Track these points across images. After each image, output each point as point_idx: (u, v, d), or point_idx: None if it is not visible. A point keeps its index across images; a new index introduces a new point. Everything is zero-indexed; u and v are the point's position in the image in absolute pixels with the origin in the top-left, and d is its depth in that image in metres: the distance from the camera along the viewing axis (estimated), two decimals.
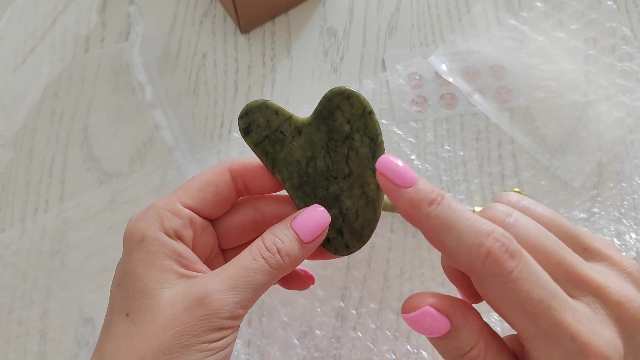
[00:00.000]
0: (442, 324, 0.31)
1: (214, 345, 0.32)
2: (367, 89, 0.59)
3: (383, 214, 0.54)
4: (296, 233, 0.35)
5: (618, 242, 0.53)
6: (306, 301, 0.51)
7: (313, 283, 0.42)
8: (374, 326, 0.50)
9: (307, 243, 0.35)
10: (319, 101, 0.37)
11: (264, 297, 0.51)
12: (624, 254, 0.52)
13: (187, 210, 0.35)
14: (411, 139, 0.57)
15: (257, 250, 0.34)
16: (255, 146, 0.37)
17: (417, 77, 0.59)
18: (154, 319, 0.32)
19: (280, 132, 0.37)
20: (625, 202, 0.54)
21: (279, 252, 0.34)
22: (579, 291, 0.30)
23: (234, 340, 0.34)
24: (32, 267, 0.54)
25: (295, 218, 0.36)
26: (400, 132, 0.57)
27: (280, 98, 0.60)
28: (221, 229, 0.39)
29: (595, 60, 0.59)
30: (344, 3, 0.64)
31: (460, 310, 0.31)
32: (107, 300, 0.35)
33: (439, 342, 0.32)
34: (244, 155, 0.56)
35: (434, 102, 0.58)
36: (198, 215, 0.36)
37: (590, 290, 0.30)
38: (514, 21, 0.60)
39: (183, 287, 0.33)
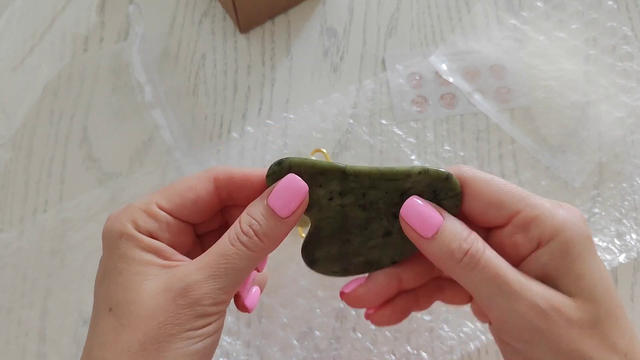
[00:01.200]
0: (432, 212, 0.34)
1: (199, 332, 0.32)
2: (367, 89, 0.59)
3: None
4: (272, 209, 0.34)
5: (619, 243, 0.53)
6: (306, 302, 0.51)
7: (248, 312, 0.40)
8: (373, 327, 0.50)
9: (285, 218, 0.34)
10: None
11: (264, 298, 0.51)
12: (624, 254, 0.52)
13: (164, 213, 0.35)
14: (411, 139, 0.57)
15: (234, 235, 0.34)
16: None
17: (417, 77, 0.59)
18: (137, 312, 0.32)
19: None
20: (625, 203, 0.54)
21: (256, 234, 0.34)
22: None
23: (221, 326, 0.34)
24: (31, 268, 0.53)
25: (270, 193, 0.35)
26: (400, 132, 0.57)
27: (280, 98, 0.60)
28: (209, 240, 0.38)
29: (596, 60, 0.59)
30: (344, 3, 0.64)
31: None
32: None
33: (433, 242, 0.34)
34: (243, 155, 0.56)
35: (434, 102, 0.58)
36: (176, 218, 0.36)
37: None
38: (514, 21, 0.60)
39: (164, 278, 0.33)
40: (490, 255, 0.33)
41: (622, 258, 0.52)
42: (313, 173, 0.34)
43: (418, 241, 0.35)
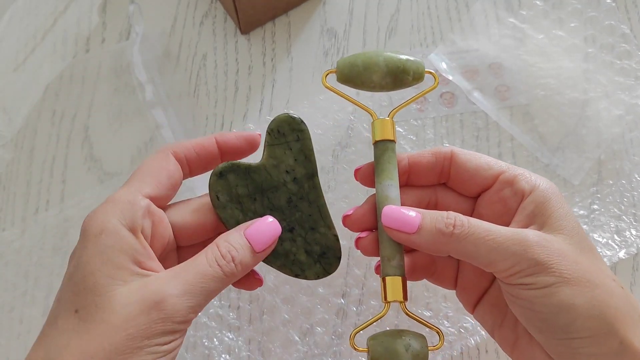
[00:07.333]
0: (407, 211, 0.38)
1: (164, 347, 0.32)
2: None
3: None
4: (249, 242, 0.37)
5: (618, 239, 0.53)
6: (307, 299, 0.51)
7: (261, 285, 0.42)
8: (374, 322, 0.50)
9: (258, 252, 0.37)
10: None
11: (266, 295, 0.51)
12: (624, 250, 0.52)
13: (146, 200, 0.36)
14: (411, 137, 0.57)
15: (213, 257, 0.35)
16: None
17: None
18: (106, 318, 0.32)
19: None
20: (625, 199, 0.54)
21: (233, 260, 0.35)
22: None
23: (182, 343, 0.34)
24: (33, 265, 0.54)
25: (248, 227, 0.37)
26: (400, 130, 0.57)
27: (280, 98, 0.60)
28: (182, 227, 0.39)
29: (594, 58, 0.59)
30: (344, 4, 0.64)
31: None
32: None
33: (422, 232, 0.37)
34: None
35: (434, 100, 0.58)
36: (155, 203, 0.37)
37: None
38: (513, 19, 0.61)
39: (137, 287, 0.33)
40: (474, 220, 0.37)
41: (622, 254, 0.52)
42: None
43: (408, 239, 0.38)
